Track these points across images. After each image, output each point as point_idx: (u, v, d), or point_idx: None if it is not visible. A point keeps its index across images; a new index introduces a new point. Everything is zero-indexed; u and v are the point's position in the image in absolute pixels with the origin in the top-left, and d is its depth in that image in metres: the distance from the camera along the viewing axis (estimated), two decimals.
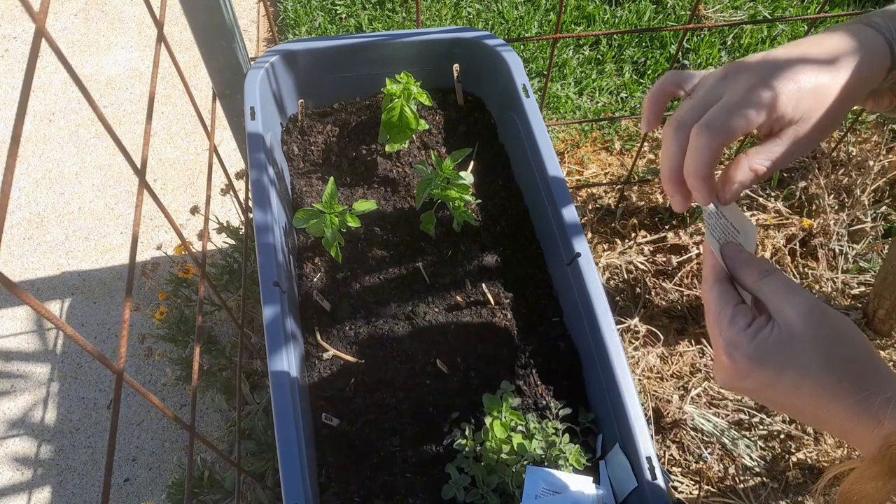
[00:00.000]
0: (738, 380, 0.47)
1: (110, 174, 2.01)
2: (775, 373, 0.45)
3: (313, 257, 1.06)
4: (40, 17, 0.44)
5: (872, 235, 1.68)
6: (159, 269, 1.42)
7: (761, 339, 0.46)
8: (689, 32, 1.88)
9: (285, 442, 0.76)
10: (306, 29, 2.26)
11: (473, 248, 1.07)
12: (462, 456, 0.89)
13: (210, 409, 1.60)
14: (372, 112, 1.16)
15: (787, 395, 0.45)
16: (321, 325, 0.99)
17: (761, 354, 0.45)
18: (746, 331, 0.47)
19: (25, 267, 1.83)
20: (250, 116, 1.00)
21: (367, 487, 0.87)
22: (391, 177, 1.13)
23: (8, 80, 2.22)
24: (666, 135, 0.51)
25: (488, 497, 0.86)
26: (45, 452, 1.56)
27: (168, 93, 2.20)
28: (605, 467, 0.87)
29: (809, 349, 0.44)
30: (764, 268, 0.49)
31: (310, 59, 1.10)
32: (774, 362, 0.45)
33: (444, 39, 1.11)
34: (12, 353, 1.70)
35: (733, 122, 0.47)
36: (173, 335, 1.47)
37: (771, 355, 0.45)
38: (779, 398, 0.46)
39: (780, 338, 0.45)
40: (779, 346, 0.45)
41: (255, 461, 1.31)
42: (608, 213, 1.81)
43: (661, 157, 0.52)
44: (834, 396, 0.42)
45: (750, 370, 0.46)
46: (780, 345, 0.45)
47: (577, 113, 2.06)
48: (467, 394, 0.94)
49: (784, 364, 0.44)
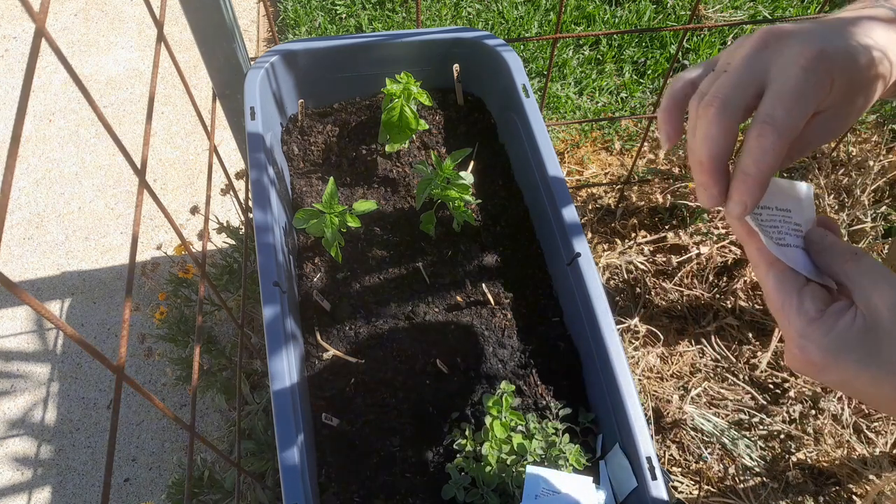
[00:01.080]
0: (814, 373, 0.43)
1: (110, 174, 2.01)
2: (856, 367, 0.40)
3: (313, 257, 1.06)
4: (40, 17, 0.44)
5: (872, 235, 1.68)
6: (159, 269, 1.42)
7: (841, 330, 0.41)
8: (689, 32, 1.88)
9: (285, 442, 0.76)
10: (306, 29, 2.26)
11: (473, 248, 1.07)
12: (462, 456, 0.89)
13: (210, 409, 1.60)
14: (372, 112, 1.16)
15: (868, 389, 0.41)
16: (321, 325, 0.99)
17: (839, 346, 0.41)
18: (820, 320, 0.42)
19: (25, 267, 1.83)
20: (250, 116, 1.00)
21: (367, 487, 0.87)
22: (391, 177, 1.13)
23: (8, 80, 2.22)
24: (703, 116, 0.43)
25: (488, 497, 0.86)
26: (46, 452, 1.56)
27: (168, 93, 2.20)
28: (605, 467, 0.87)
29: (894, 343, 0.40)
30: (853, 251, 0.43)
31: (310, 59, 1.10)
32: (855, 356, 0.40)
33: (444, 39, 1.11)
34: (12, 353, 1.70)
35: (798, 112, 0.40)
36: (173, 335, 1.47)
37: (851, 348, 0.41)
38: (861, 391, 0.42)
39: (865, 327, 0.40)
40: (861, 337, 0.40)
41: (255, 461, 1.31)
42: (608, 213, 1.81)
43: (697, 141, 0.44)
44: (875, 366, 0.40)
45: (825, 364, 0.41)
46: (864, 336, 0.40)
47: (577, 113, 2.06)
48: (467, 394, 0.94)
49: (864, 358, 0.40)
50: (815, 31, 0.42)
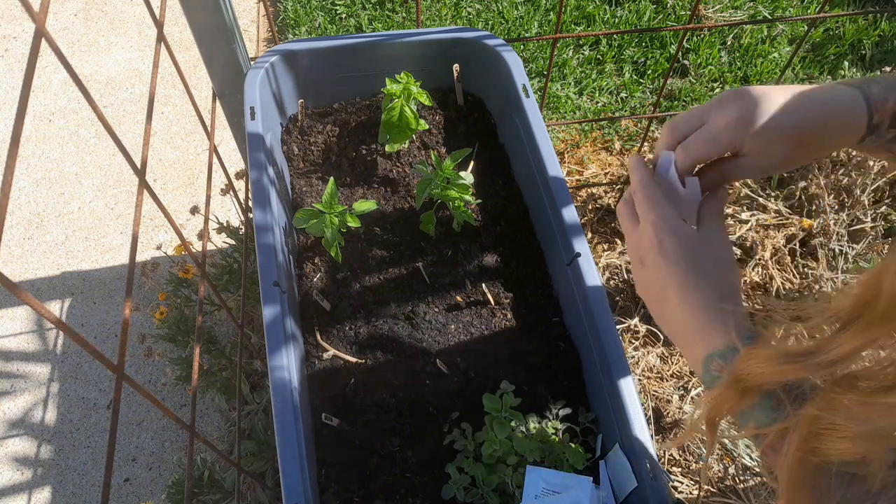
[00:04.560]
0: (653, 259, 0.54)
1: (110, 174, 2.01)
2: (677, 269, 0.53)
3: (313, 257, 1.06)
4: (40, 17, 0.44)
5: (872, 235, 1.68)
6: (159, 269, 1.41)
7: (690, 232, 0.54)
8: (689, 32, 1.88)
9: (285, 442, 0.76)
10: (306, 29, 2.26)
11: (473, 248, 1.07)
12: (462, 456, 0.89)
13: (210, 409, 1.60)
14: (372, 112, 1.16)
15: (668, 282, 0.53)
16: (321, 325, 0.99)
17: (685, 244, 0.54)
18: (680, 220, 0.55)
19: (25, 267, 1.83)
20: (250, 116, 1.00)
21: (367, 487, 0.87)
22: (391, 177, 1.13)
23: (8, 80, 2.22)
24: (663, 130, 0.61)
25: (488, 497, 0.86)
26: (45, 452, 1.56)
27: (168, 93, 2.20)
28: (605, 467, 0.87)
29: (714, 242, 0.54)
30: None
31: (310, 59, 1.10)
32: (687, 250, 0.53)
33: (444, 39, 1.11)
34: (12, 353, 1.70)
35: (703, 150, 0.57)
36: (173, 335, 1.46)
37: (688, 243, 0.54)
38: (663, 287, 0.53)
39: (700, 238, 0.54)
40: (693, 240, 0.54)
41: (255, 461, 1.31)
42: (608, 213, 1.81)
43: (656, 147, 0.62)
44: (700, 289, 0.51)
45: (672, 255, 0.53)
46: (694, 240, 0.54)
47: (577, 113, 2.06)
48: (467, 394, 0.94)
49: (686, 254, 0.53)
50: (756, 99, 0.55)
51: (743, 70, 2.15)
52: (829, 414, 0.36)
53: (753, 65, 2.15)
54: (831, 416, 0.35)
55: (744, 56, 2.19)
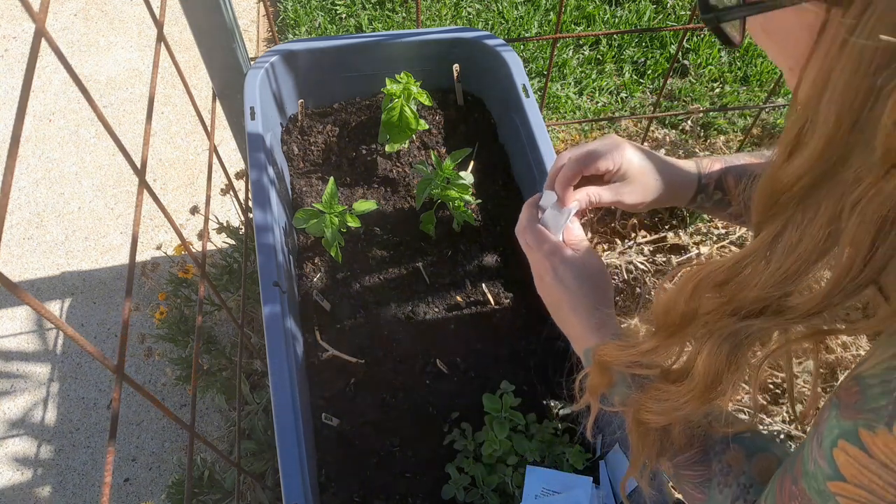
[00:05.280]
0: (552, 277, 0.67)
1: (110, 174, 2.01)
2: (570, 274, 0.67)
3: (313, 257, 1.06)
4: (40, 17, 0.44)
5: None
6: (159, 269, 1.41)
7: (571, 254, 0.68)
8: (689, 32, 1.88)
9: (285, 442, 0.76)
10: (306, 29, 2.26)
11: (473, 248, 1.07)
12: (462, 456, 0.89)
13: (210, 409, 1.60)
14: (372, 112, 1.16)
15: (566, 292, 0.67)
16: (321, 325, 0.99)
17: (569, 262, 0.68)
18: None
19: (25, 267, 1.83)
20: (250, 116, 1.00)
21: (367, 487, 0.87)
22: (391, 177, 1.13)
23: (8, 80, 2.22)
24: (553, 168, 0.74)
25: (488, 497, 0.86)
26: (45, 452, 1.56)
27: (168, 93, 2.20)
28: (605, 467, 0.87)
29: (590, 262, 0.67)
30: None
31: (310, 59, 1.10)
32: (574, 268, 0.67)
33: (444, 39, 1.11)
34: (12, 353, 1.70)
35: (576, 167, 0.69)
36: (173, 335, 1.46)
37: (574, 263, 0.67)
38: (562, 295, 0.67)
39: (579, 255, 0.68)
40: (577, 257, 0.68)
41: (255, 461, 1.31)
42: (608, 213, 1.81)
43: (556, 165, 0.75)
44: (583, 304, 0.65)
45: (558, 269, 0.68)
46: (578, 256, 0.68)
47: (577, 113, 2.06)
48: (467, 394, 0.94)
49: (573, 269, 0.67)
50: (637, 150, 0.71)
51: (743, 70, 2.15)
52: (644, 396, 0.49)
53: (753, 65, 2.16)
54: (645, 398, 0.49)
55: (744, 56, 2.19)
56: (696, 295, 0.39)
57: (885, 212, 0.26)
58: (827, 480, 0.31)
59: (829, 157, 0.28)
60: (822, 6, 0.30)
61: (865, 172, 0.26)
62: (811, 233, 0.30)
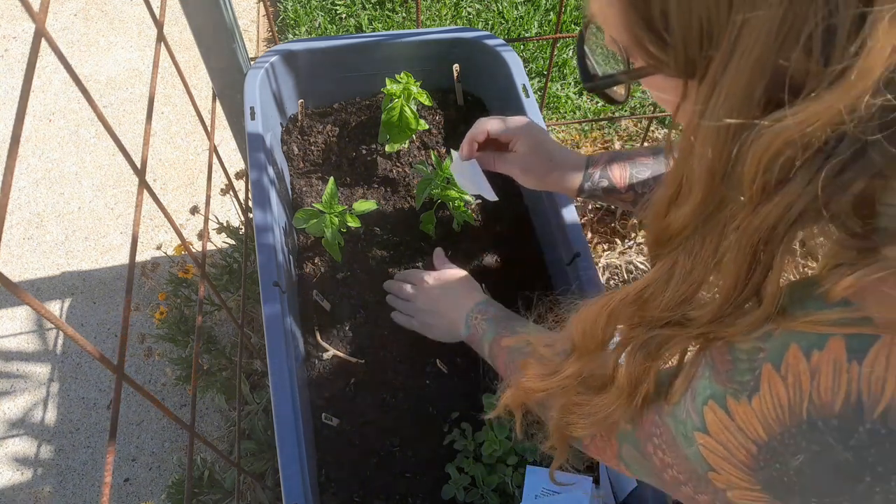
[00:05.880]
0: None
1: (110, 174, 2.01)
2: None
3: (313, 257, 1.06)
4: (40, 17, 0.44)
5: None
6: (159, 269, 1.42)
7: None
8: None
9: (285, 442, 0.76)
10: (306, 29, 2.26)
11: (473, 248, 1.07)
12: (462, 456, 0.89)
13: (210, 409, 1.60)
14: (372, 112, 1.16)
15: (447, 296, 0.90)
16: (321, 325, 0.99)
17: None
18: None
19: (25, 267, 1.83)
20: (250, 116, 1.00)
21: (367, 487, 0.87)
22: (391, 177, 1.13)
23: (8, 80, 2.22)
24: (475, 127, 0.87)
25: (488, 497, 0.86)
26: (45, 452, 1.56)
27: (168, 93, 2.20)
28: (605, 467, 0.87)
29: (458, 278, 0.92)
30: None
31: (310, 59, 1.10)
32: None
33: (444, 39, 1.11)
34: (12, 353, 1.70)
35: (476, 133, 0.85)
36: (173, 335, 1.46)
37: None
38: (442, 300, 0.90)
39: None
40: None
41: (255, 461, 1.31)
42: (608, 213, 1.81)
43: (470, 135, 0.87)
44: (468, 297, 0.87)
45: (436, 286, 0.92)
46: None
47: (577, 113, 2.06)
48: (467, 394, 0.94)
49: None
50: (523, 129, 0.84)
51: None
52: (571, 416, 0.52)
53: None
54: (573, 417, 0.51)
55: None
56: (611, 322, 0.43)
57: (756, 241, 0.31)
58: (694, 430, 0.37)
59: (708, 205, 0.33)
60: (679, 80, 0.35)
61: (738, 211, 0.31)
62: (701, 261, 0.35)
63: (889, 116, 0.26)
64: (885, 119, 0.26)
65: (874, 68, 0.25)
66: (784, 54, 0.27)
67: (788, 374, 0.30)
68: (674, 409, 0.40)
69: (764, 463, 0.32)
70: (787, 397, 0.30)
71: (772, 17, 0.27)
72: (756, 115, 0.29)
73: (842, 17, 0.26)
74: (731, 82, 0.29)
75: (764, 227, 0.30)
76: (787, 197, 0.29)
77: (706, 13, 0.29)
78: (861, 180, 0.28)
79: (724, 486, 0.36)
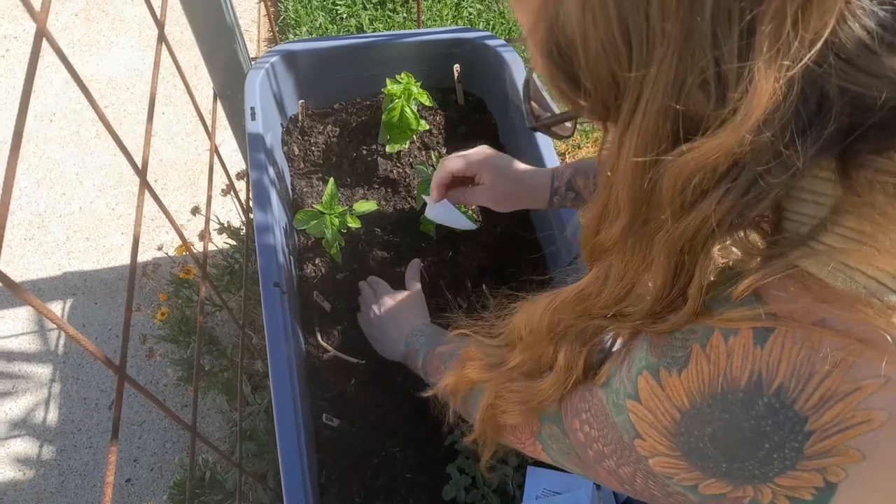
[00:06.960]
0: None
1: (111, 174, 2.01)
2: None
3: (314, 258, 1.06)
4: (41, 17, 0.44)
5: None
6: (160, 270, 1.42)
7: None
8: None
9: (286, 443, 0.76)
10: (307, 29, 2.27)
11: (473, 248, 1.07)
12: (463, 456, 0.89)
13: (211, 410, 1.60)
14: (372, 112, 1.16)
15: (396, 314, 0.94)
16: (321, 326, 0.99)
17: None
18: None
19: (27, 267, 1.83)
20: (251, 117, 1.00)
21: (368, 488, 0.87)
22: (391, 177, 1.13)
23: (9, 80, 2.22)
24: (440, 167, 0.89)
25: (489, 497, 0.86)
26: (47, 453, 1.56)
27: (169, 93, 2.20)
28: None
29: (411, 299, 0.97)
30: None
31: (310, 59, 1.10)
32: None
33: (445, 40, 1.11)
34: (14, 353, 1.70)
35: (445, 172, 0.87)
36: (174, 336, 1.46)
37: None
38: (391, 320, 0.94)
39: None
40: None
41: (257, 462, 1.31)
42: None
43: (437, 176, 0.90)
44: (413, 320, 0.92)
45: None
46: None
47: None
48: None
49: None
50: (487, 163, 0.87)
51: None
52: (503, 401, 0.55)
53: None
54: (506, 402, 0.55)
55: None
56: (554, 318, 0.48)
57: (679, 248, 0.35)
58: (626, 398, 0.41)
59: (634, 224, 0.37)
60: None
61: (663, 223, 0.35)
62: (632, 267, 0.39)
63: (776, 147, 0.31)
64: (775, 149, 0.31)
65: (755, 110, 0.29)
66: (682, 100, 0.32)
67: (711, 353, 0.35)
68: (609, 379, 0.44)
69: (685, 429, 0.37)
70: (708, 373, 0.35)
71: (665, 71, 0.31)
72: (667, 150, 0.33)
73: (729, 66, 0.30)
74: (640, 124, 0.34)
75: (685, 238, 0.35)
76: (703, 213, 0.33)
77: (612, 70, 0.34)
78: (766, 199, 0.32)
79: (647, 454, 0.40)
